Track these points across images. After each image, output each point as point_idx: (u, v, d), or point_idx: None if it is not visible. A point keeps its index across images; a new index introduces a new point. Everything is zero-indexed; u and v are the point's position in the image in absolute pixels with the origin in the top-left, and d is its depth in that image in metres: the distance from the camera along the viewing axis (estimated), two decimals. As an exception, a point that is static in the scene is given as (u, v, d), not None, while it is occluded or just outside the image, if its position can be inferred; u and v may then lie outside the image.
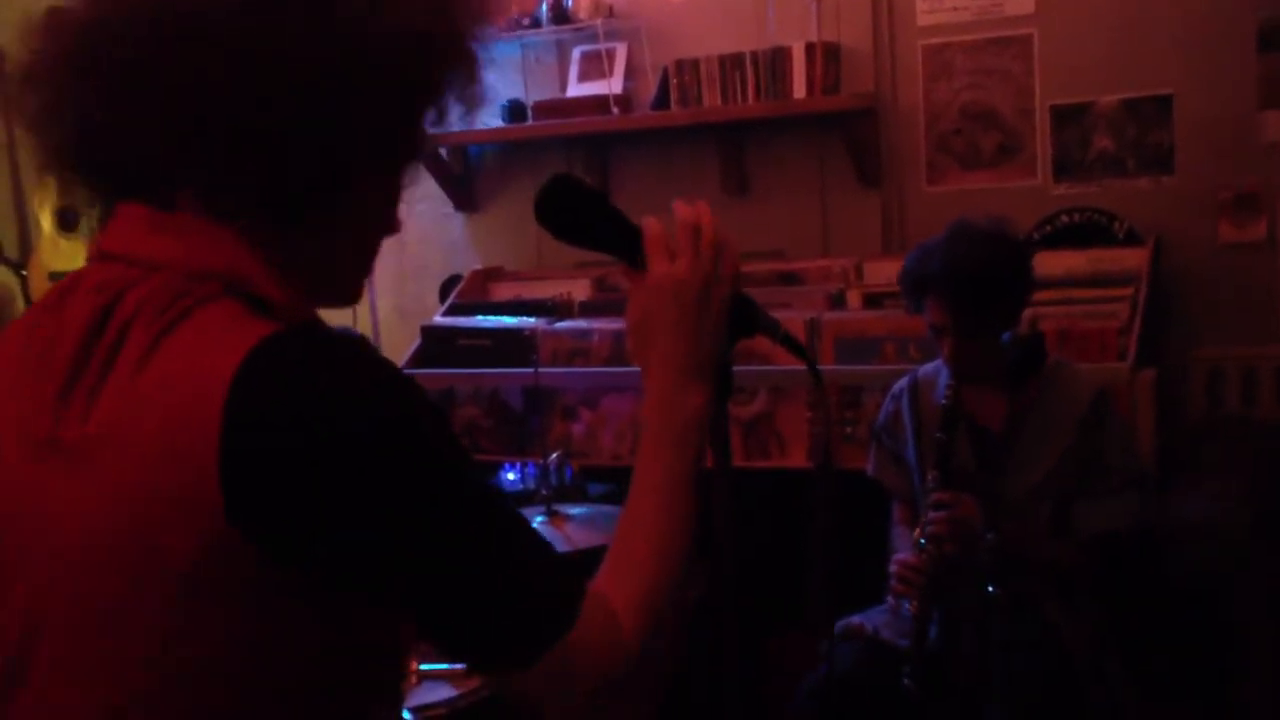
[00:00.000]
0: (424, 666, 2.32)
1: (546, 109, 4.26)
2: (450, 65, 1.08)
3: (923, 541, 2.56)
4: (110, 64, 1.00)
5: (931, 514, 2.55)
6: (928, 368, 2.84)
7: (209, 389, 0.93)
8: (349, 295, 1.13)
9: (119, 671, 0.97)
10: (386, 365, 0.99)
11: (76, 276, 1.06)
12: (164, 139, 1.00)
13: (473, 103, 1.10)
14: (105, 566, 0.96)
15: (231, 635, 0.96)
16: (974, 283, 2.53)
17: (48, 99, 1.05)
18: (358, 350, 0.99)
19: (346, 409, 0.94)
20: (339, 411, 0.94)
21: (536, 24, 4.29)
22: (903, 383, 2.86)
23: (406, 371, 3.90)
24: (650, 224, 1.20)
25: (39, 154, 1.08)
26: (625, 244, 1.21)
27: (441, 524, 0.97)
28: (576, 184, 1.21)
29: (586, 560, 1.16)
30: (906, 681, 2.50)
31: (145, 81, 0.99)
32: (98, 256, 1.06)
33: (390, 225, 1.12)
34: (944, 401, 2.60)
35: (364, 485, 0.94)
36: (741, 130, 4.11)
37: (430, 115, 1.09)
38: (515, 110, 4.32)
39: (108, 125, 1.01)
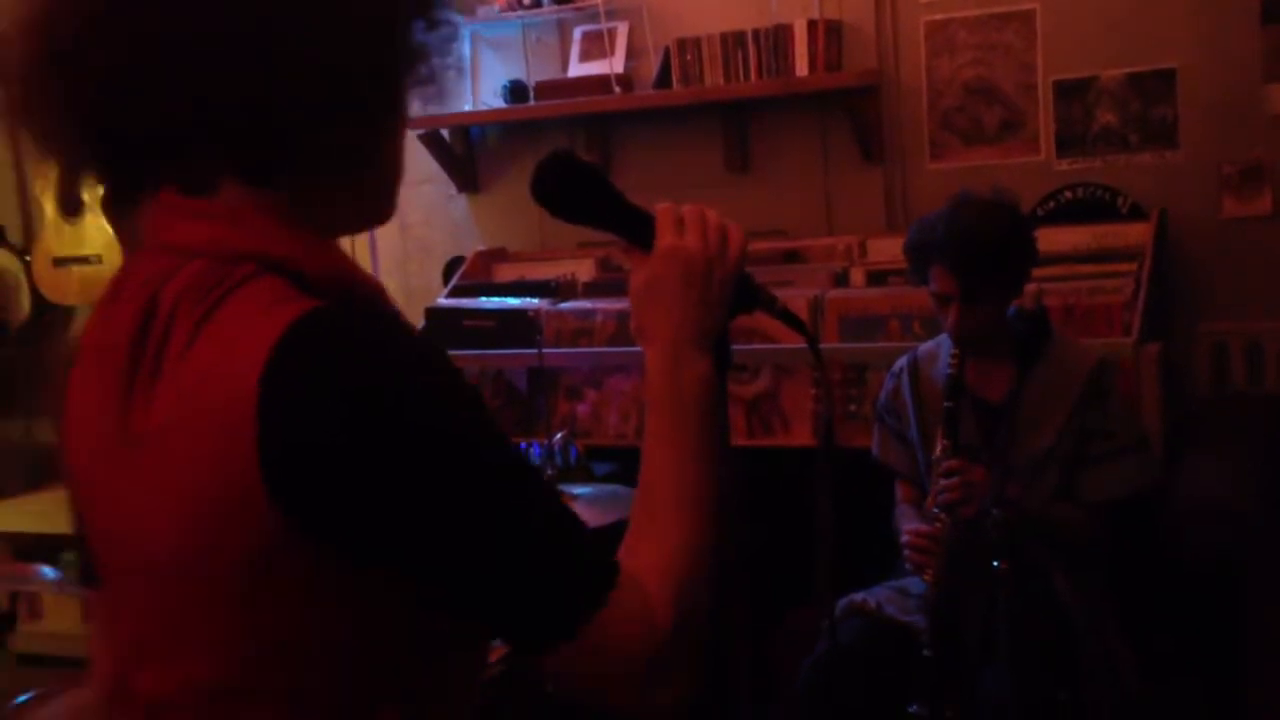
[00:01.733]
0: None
1: (548, 89, 4.25)
2: None
3: (936, 510, 2.57)
4: (116, 48, 0.99)
5: (943, 481, 2.56)
6: (928, 345, 2.85)
7: (242, 378, 0.94)
8: (387, 213, 1.15)
9: (200, 657, 1.02)
10: (418, 342, 1.00)
11: (126, 268, 1.08)
12: (178, 115, 1.00)
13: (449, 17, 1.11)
14: (163, 564, 1.00)
15: (292, 618, 0.99)
16: (978, 247, 2.55)
17: (56, 95, 1.03)
18: (388, 327, 0.99)
19: (377, 389, 0.95)
20: (370, 392, 0.94)
21: (538, 4, 4.29)
22: (902, 361, 2.87)
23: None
24: (663, 205, 1.21)
25: (57, 151, 1.08)
26: (623, 220, 1.21)
27: (474, 499, 0.97)
28: (573, 161, 1.21)
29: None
30: (926, 652, 2.51)
31: (154, 60, 0.99)
32: (146, 245, 1.07)
33: (403, 138, 1.14)
34: (949, 371, 2.61)
35: (395, 465, 0.95)
36: (744, 109, 4.10)
37: (421, 27, 1.08)
38: (517, 90, 4.31)
39: (125, 110, 1.01)
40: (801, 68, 3.85)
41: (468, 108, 4.47)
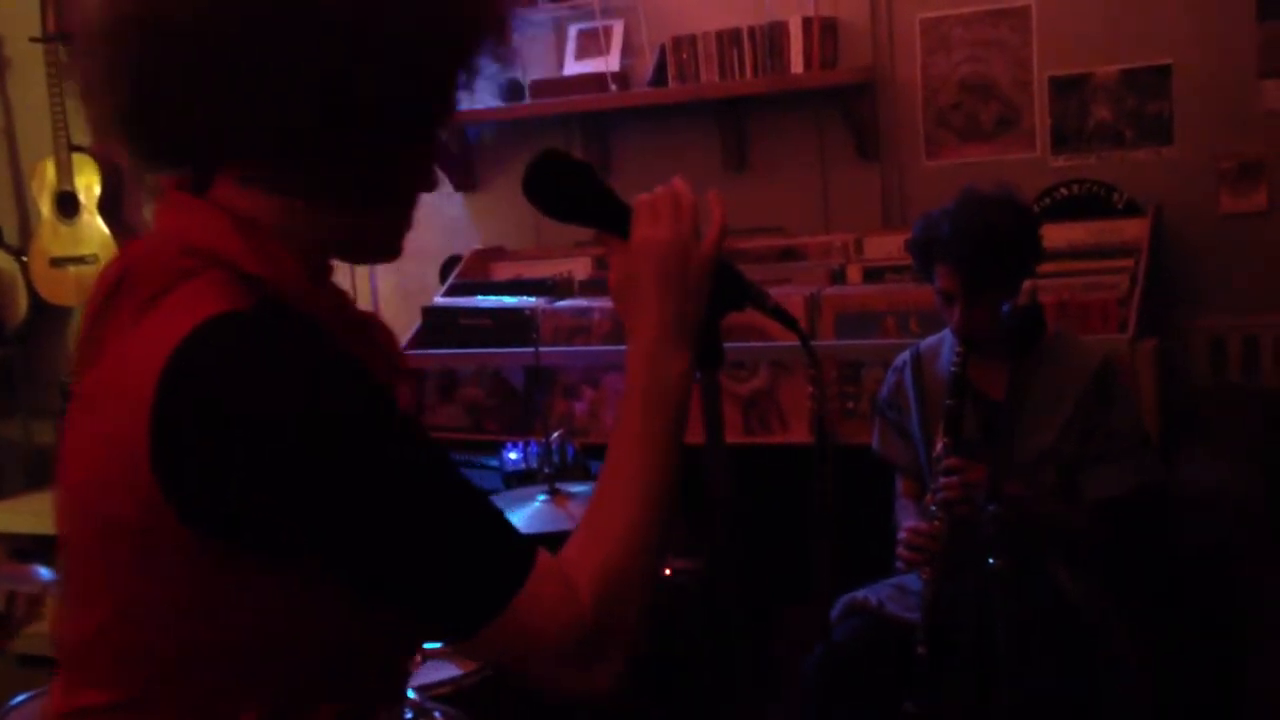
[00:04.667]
0: (427, 645, 2.32)
1: (544, 87, 4.25)
2: (483, 26, 1.11)
3: (934, 509, 2.56)
4: (156, 42, 1.04)
5: (942, 480, 2.56)
6: (930, 340, 2.84)
7: (149, 368, 1.00)
8: (391, 253, 1.17)
9: (94, 599, 1.09)
10: (316, 349, 1.03)
11: (124, 246, 1.14)
12: (204, 117, 1.05)
13: (504, 59, 1.15)
14: (82, 514, 1.09)
15: (170, 587, 1.04)
16: (984, 246, 2.54)
17: (98, 72, 1.09)
18: (291, 334, 1.03)
19: (261, 397, 0.98)
20: (253, 399, 0.98)
21: (533, 2, 4.28)
22: (905, 355, 2.86)
23: (407, 352, 3.93)
24: (641, 196, 1.21)
25: (91, 123, 1.14)
26: (614, 218, 1.21)
27: (359, 503, 1.00)
28: (563, 159, 1.21)
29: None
30: (920, 650, 2.51)
31: (190, 63, 1.03)
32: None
33: (428, 183, 1.16)
34: (953, 369, 2.60)
35: (276, 466, 0.98)
36: (740, 106, 4.10)
37: (462, 77, 1.13)
38: (512, 89, 4.31)
39: (155, 100, 1.06)
40: (797, 65, 3.85)
41: (463, 106, 4.46)
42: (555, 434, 3.17)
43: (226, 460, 0.98)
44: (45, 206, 4.72)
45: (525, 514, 2.62)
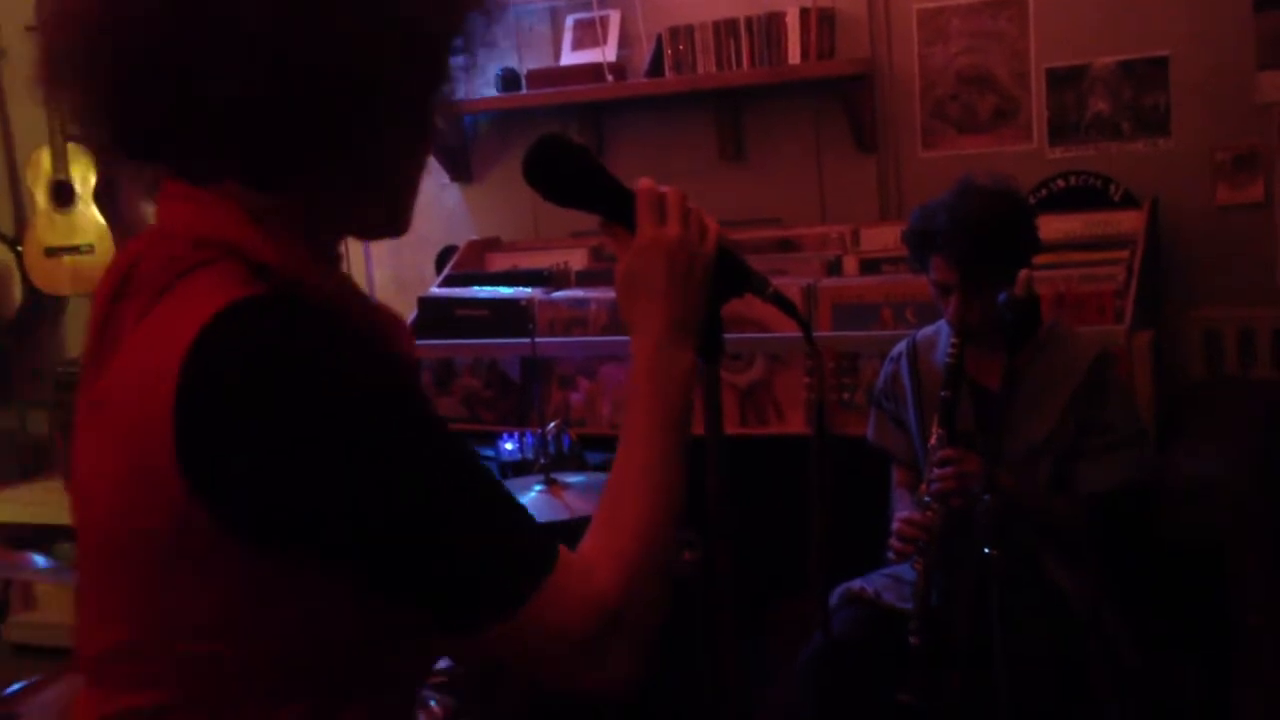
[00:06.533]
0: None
1: (541, 77, 4.24)
2: (465, 9, 1.11)
3: (927, 499, 2.57)
4: (127, 47, 1.02)
5: (937, 471, 2.56)
6: (926, 330, 2.85)
7: (169, 357, 0.97)
8: (398, 227, 1.16)
9: (119, 613, 1.06)
10: (342, 331, 1.01)
11: (124, 246, 1.12)
12: (177, 118, 1.03)
13: (492, 43, 1.15)
14: (99, 525, 1.06)
15: (202, 596, 1.01)
16: (981, 237, 2.54)
17: (78, 84, 1.07)
18: (315, 317, 1.01)
19: (289, 379, 0.96)
20: (283, 380, 0.96)
21: (530, -8, 4.28)
22: (901, 346, 2.86)
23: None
24: (643, 183, 1.21)
25: (85, 131, 1.12)
26: (614, 202, 1.21)
27: (389, 489, 0.98)
28: (564, 143, 1.21)
29: (585, 528, 1.16)
30: (913, 639, 2.51)
31: (157, 63, 1.01)
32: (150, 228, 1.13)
33: (426, 155, 1.16)
34: (948, 359, 2.60)
35: (302, 453, 0.96)
36: (737, 97, 4.10)
37: (454, 58, 1.12)
38: (509, 79, 4.30)
39: (137, 102, 1.04)
40: (794, 56, 3.85)
41: (460, 96, 4.46)
42: (551, 424, 3.17)
43: (259, 444, 0.96)
44: (40, 196, 4.71)
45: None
